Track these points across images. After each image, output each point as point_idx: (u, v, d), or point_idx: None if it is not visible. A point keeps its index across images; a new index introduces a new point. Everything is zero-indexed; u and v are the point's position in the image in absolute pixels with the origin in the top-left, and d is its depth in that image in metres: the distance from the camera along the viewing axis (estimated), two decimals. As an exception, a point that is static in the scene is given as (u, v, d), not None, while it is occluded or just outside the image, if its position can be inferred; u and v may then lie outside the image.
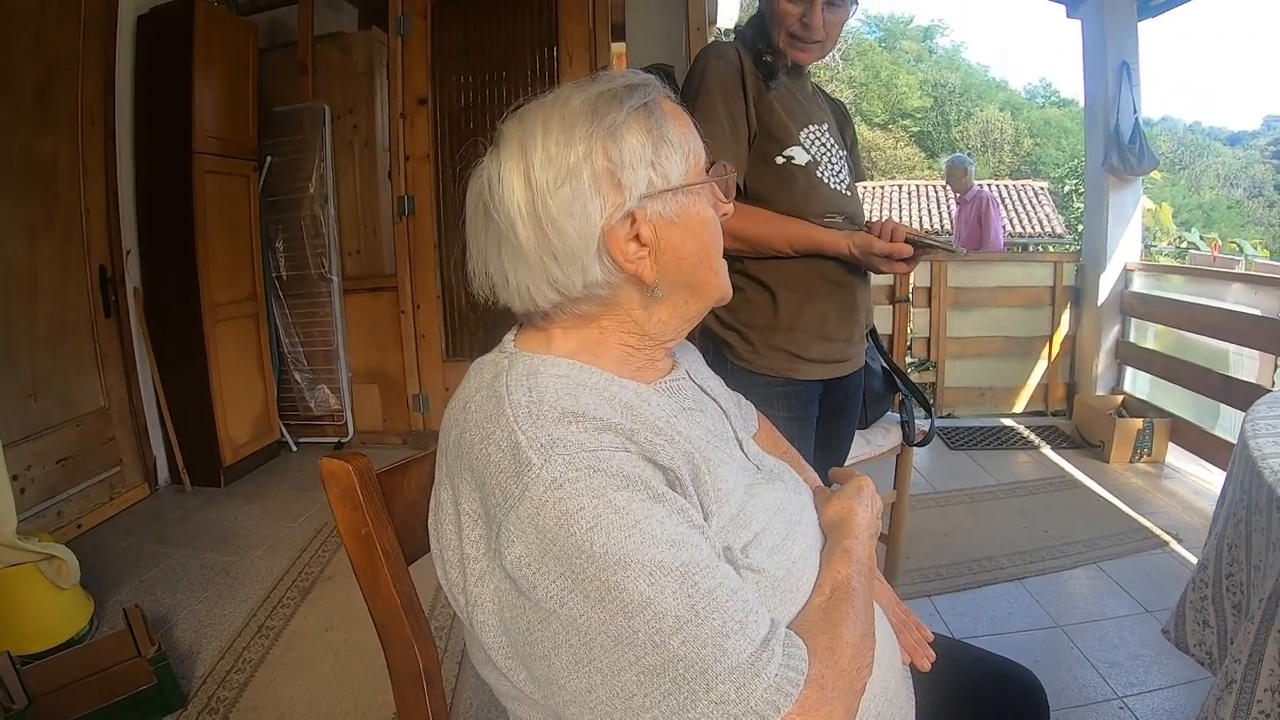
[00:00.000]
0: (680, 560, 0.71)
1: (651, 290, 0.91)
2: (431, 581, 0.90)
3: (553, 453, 0.73)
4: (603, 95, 0.88)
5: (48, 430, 3.31)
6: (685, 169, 0.90)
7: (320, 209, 4.45)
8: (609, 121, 0.86)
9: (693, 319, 0.98)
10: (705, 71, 1.69)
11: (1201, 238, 8.63)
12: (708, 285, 0.96)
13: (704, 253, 0.94)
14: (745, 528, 0.87)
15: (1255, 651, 1.13)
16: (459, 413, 0.86)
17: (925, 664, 1.06)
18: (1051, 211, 19.47)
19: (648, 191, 0.87)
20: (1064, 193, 21.38)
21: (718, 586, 0.72)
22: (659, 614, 0.69)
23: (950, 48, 39.21)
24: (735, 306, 1.74)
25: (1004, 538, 3.25)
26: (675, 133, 0.90)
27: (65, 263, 3.48)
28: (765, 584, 0.85)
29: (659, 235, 0.89)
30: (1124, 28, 4.64)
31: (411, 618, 0.95)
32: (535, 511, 0.72)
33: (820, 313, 1.76)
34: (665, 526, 0.73)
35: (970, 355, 5.16)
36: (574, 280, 0.87)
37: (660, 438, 0.82)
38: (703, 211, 0.93)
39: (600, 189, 0.85)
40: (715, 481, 0.86)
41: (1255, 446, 1.35)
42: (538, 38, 4.33)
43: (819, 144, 1.76)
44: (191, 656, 2.49)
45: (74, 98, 3.50)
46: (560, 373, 0.85)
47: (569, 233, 0.85)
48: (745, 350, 1.75)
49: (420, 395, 4.64)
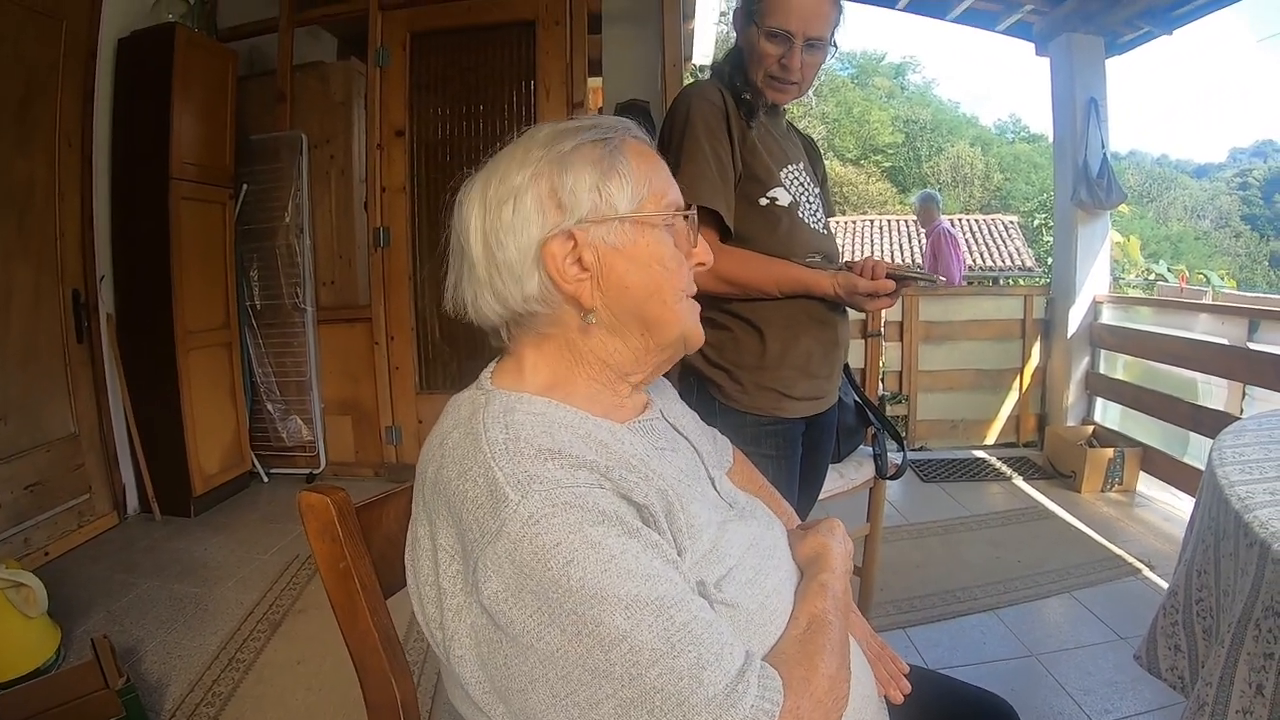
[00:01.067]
0: (656, 594, 0.72)
1: (586, 314, 0.93)
2: (406, 614, 0.91)
3: (530, 489, 0.74)
4: (565, 130, 0.94)
5: (16, 455, 3.27)
6: (637, 201, 0.93)
7: (295, 238, 4.44)
8: (559, 149, 0.91)
9: (654, 355, 0.99)
10: (689, 112, 1.68)
11: (1169, 269, 8.77)
12: (661, 321, 0.96)
13: (653, 287, 0.95)
14: (718, 563, 0.88)
15: (1225, 674, 1.15)
16: (436, 449, 0.87)
17: (899, 696, 1.06)
18: (1022, 245, 19.73)
19: (590, 216, 0.90)
20: (1034, 226, 21.66)
21: (693, 620, 0.73)
22: (636, 647, 0.70)
23: (922, 84, 39.86)
24: (723, 345, 1.74)
25: (977, 568, 3.27)
26: (631, 166, 0.93)
27: (38, 286, 3.45)
28: (739, 618, 0.86)
29: (602, 261, 0.91)
30: (1092, 65, 4.76)
31: (389, 651, 0.95)
32: (513, 546, 0.73)
33: (805, 351, 1.77)
34: (640, 561, 0.74)
35: (942, 388, 5.21)
36: (513, 292, 0.91)
37: (634, 475, 0.83)
38: (656, 248, 0.95)
39: (542, 208, 0.90)
40: (689, 518, 0.87)
41: (1222, 474, 1.37)
42: (515, 72, 4.36)
43: (798, 184, 1.78)
44: (161, 689, 2.45)
45: (52, 120, 3.49)
46: (536, 410, 0.86)
47: (509, 246, 0.90)
48: (734, 390, 1.74)
49: (393, 427, 4.61)
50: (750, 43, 1.70)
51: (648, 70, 4.35)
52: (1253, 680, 1.11)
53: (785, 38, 1.64)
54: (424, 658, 2.57)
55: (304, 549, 3.46)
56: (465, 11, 4.34)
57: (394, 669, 0.95)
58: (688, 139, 1.66)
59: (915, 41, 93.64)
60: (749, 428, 1.71)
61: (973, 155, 32.58)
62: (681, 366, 1.77)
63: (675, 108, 1.74)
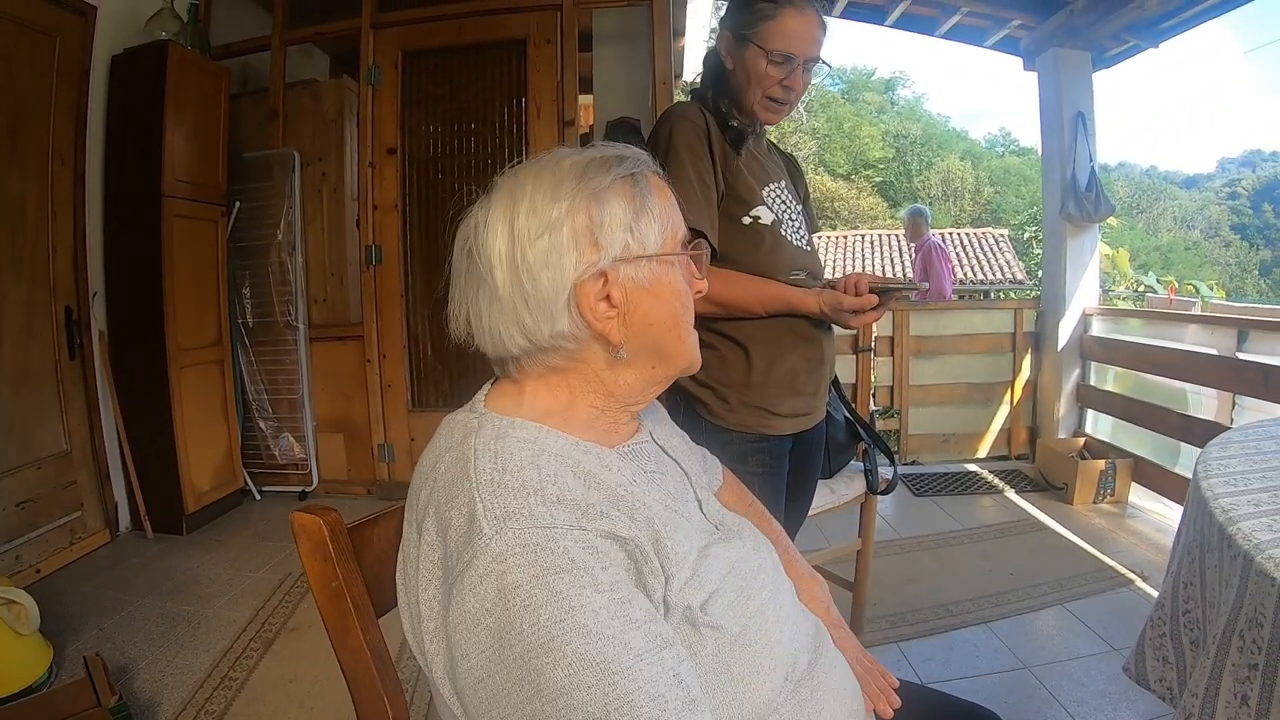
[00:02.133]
0: (604, 657, 0.71)
1: (616, 351, 0.93)
2: (398, 633, 0.91)
3: (504, 525, 0.75)
4: (594, 161, 0.92)
5: (8, 472, 3.27)
6: (662, 240, 0.93)
7: (288, 256, 4.45)
8: (595, 184, 0.90)
9: (659, 385, 1.00)
10: (672, 135, 1.69)
11: (1159, 281, 8.83)
12: (674, 353, 0.98)
13: (672, 321, 0.96)
14: (700, 588, 0.88)
15: (1211, 685, 1.16)
16: (429, 471, 0.88)
17: (888, 711, 1.07)
18: (1012, 258, 19.83)
19: (623, 255, 0.90)
20: (1024, 239, 21.75)
21: (635, 691, 0.71)
22: (570, 706, 0.69)
23: (912, 99, 40.07)
24: (709, 364, 1.72)
25: (970, 582, 3.27)
26: (657, 205, 0.94)
27: (31, 303, 3.45)
28: (723, 640, 0.87)
29: (629, 299, 0.91)
30: (1079, 79, 4.80)
31: (381, 670, 0.95)
32: (478, 580, 0.73)
33: (791, 368, 1.78)
34: (599, 619, 0.72)
35: (933, 402, 5.23)
36: (542, 328, 0.89)
37: (619, 509, 0.84)
38: (675, 283, 0.96)
39: (578, 245, 0.88)
40: (674, 545, 0.87)
41: (1207, 487, 1.39)
42: (507, 90, 4.39)
43: (780, 202, 1.79)
44: (153, 707, 2.44)
45: (44, 136, 3.50)
46: (526, 437, 0.87)
47: (542, 281, 0.88)
48: (720, 408, 1.75)
49: (385, 445, 4.60)
50: (748, 66, 1.70)
51: (638, 88, 4.37)
52: (1237, 691, 1.12)
53: (788, 60, 1.66)
54: (416, 676, 2.57)
55: (296, 567, 3.45)
56: (457, 30, 4.37)
57: (386, 687, 0.95)
58: (671, 161, 1.66)
59: (905, 57, 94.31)
60: (735, 445, 1.72)
61: (963, 169, 32.76)
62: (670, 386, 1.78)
63: (657, 130, 1.76)
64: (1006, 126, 56.71)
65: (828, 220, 28.40)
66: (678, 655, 0.77)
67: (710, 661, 0.86)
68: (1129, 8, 4.25)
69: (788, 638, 0.97)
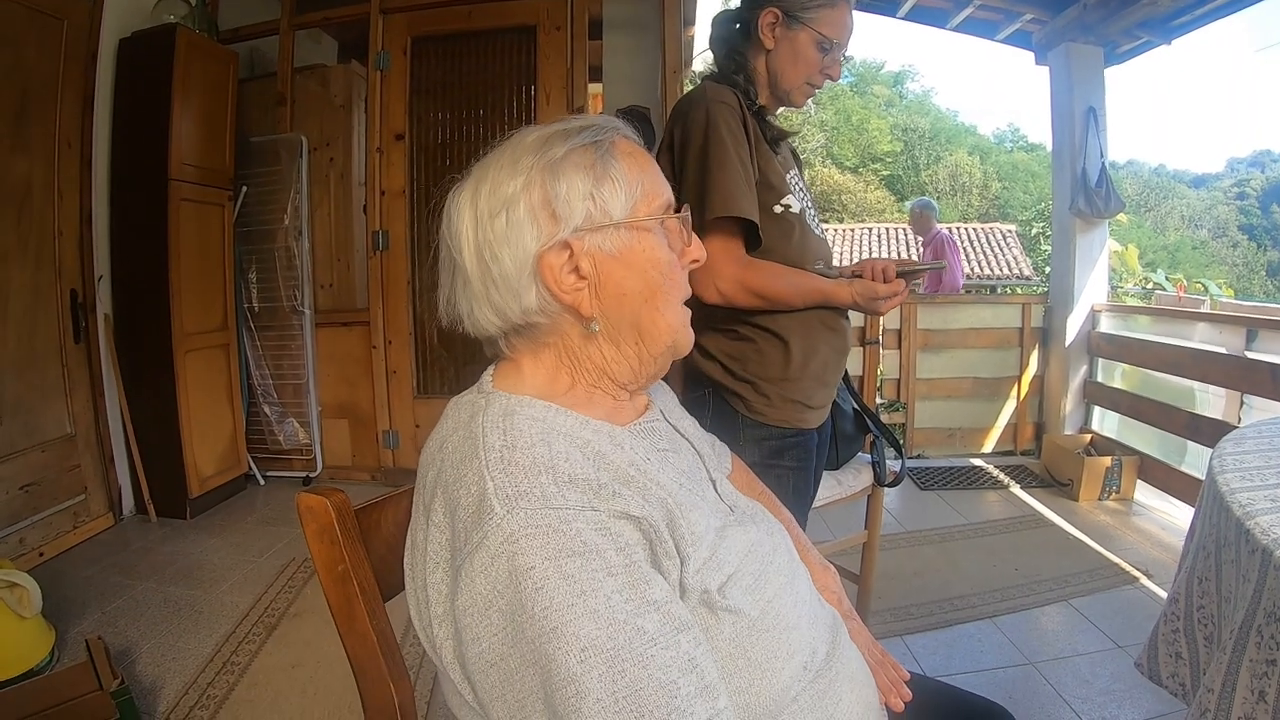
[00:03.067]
0: (614, 643, 0.70)
1: (589, 323, 0.92)
2: (403, 617, 0.90)
3: (516, 504, 0.74)
4: (555, 134, 0.91)
5: (12, 455, 3.27)
6: (630, 206, 0.91)
7: (294, 241, 4.44)
8: (550, 156, 0.89)
9: (648, 363, 0.97)
10: (712, 117, 1.63)
11: (1167, 278, 8.76)
12: (655, 327, 0.95)
13: (650, 292, 0.94)
14: (719, 570, 0.86)
15: (1228, 681, 1.14)
16: (436, 452, 0.87)
17: (899, 704, 1.06)
18: (1019, 254, 19.78)
19: (585, 225, 0.89)
20: (1031, 235, 21.68)
21: (647, 679, 0.70)
22: (580, 693, 0.68)
23: (920, 93, 40.01)
24: (747, 358, 1.71)
25: (975, 576, 3.26)
26: (623, 170, 0.91)
27: (36, 286, 3.45)
28: (741, 624, 0.85)
29: (599, 269, 0.90)
30: (1091, 75, 4.76)
31: (387, 654, 0.94)
32: (489, 562, 0.72)
33: (824, 360, 1.76)
34: (609, 604, 0.71)
35: (939, 396, 5.20)
36: (511, 305, 0.89)
37: (630, 488, 0.82)
38: (652, 251, 0.93)
39: (536, 219, 0.88)
40: (690, 525, 0.85)
41: (1223, 482, 1.37)
42: (516, 77, 4.37)
43: (800, 189, 1.78)
44: (155, 691, 2.44)
45: (51, 119, 3.49)
46: (535, 415, 0.85)
47: (504, 259, 0.88)
48: (760, 403, 1.71)
49: (390, 431, 4.60)
50: (798, 49, 1.70)
51: (648, 76, 4.36)
52: (1255, 687, 1.10)
53: (836, 49, 1.70)
54: (420, 661, 2.56)
55: (300, 552, 3.45)
56: (466, 16, 4.35)
57: (392, 672, 0.94)
58: (714, 145, 1.61)
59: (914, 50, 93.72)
60: (772, 440, 1.72)
61: (971, 164, 32.68)
62: (694, 379, 1.78)
63: (692, 113, 1.67)
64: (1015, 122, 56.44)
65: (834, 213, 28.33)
66: (694, 639, 0.76)
67: (728, 646, 0.85)
68: (1142, 3, 4.22)
69: (805, 624, 0.96)
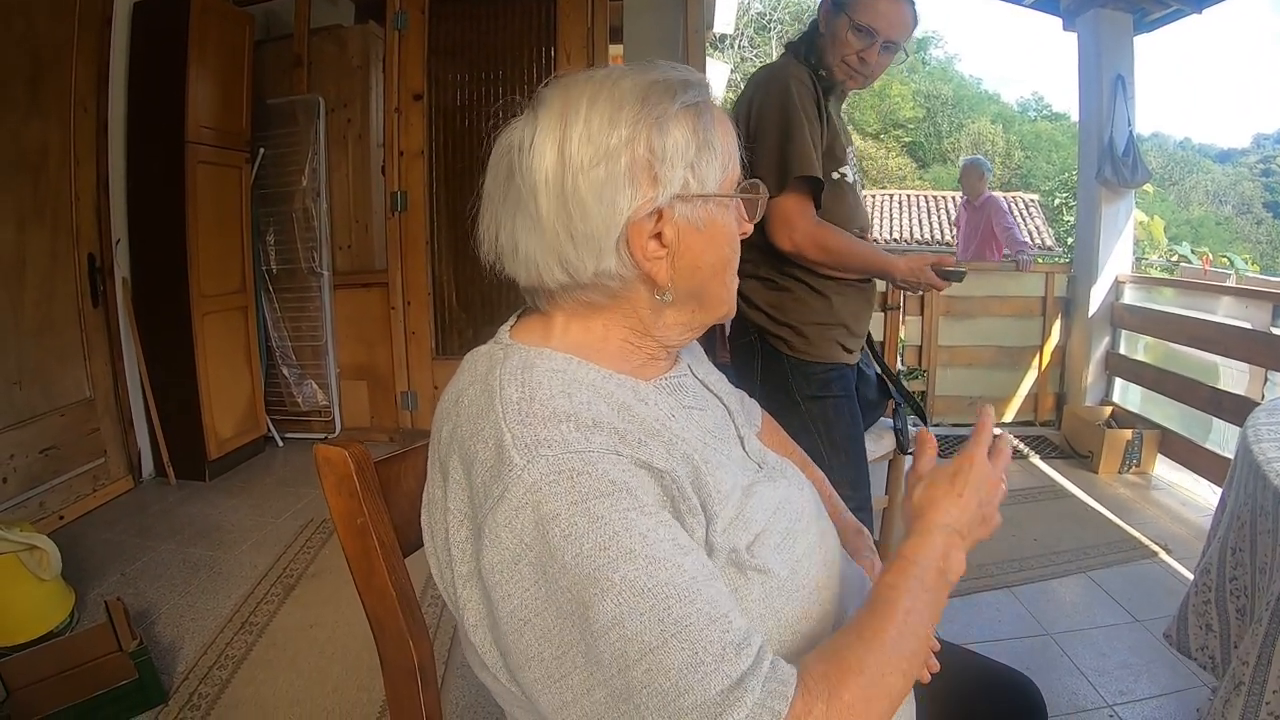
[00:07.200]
0: (655, 581, 0.67)
1: (663, 293, 0.88)
2: (423, 573, 0.88)
3: (537, 453, 0.71)
4: (656, 84, 0.85)
5: (32, 419, 3.28)
6: (721, 178, 0.87)
7: (312, 203, 4.43)
8: (658, 112, 0.83)
9: (697, 330, 0.96)
10: (791, 89, 1.86)
11: (1193, 251, 8.65)
12: (716, 298, 0.93)
13: (720, 265, 0.91)
14: (746, 528, 0.84)
15: (1264, 653, 1.13)
16: (451, 406, 0.84)
17: (926, 675, 1.04)
18: (1042, 224, 19.57)
19: (681, 192, 0.84)
20: (1054, 205, 21.43)
21: (694, 614, 0.67)
22: (625, 637, 0.65)
23: (944, 59, 39.32)
24: (784, 306, 1.98)
25: (993, 546, 3.23)
26: (719, 139, 0.87)
27: (54, 251, 3.45)
28: (771, 584, 0.83)
29: (681, 239, 0.86)
30: (1120, 41, 4.66)
31: (406, 611, 0.92)
32: (513, 514, 0.70)
33: (855, 309, 2.05)
34: (646, 542, 0.69)
35: (961, 364, 5.14)
36: (586, 264, 0.83)
37: (655, 440, 0.79)
38: (728, 225, 0.90)
39: (635, 178, 0.82)
40: (715, 483, 0.83)
41: (1259, 451, 1.35)
42: (535, 37, 4.33)
43: (854, 162, 2.00)
44: (173, 651, 2.46)
45: (67, 84, 3.46)
46: (556, 367, 0.82)
47: (593, 215, 0.81)
48: (800, 343, 1.98)
49: (409, 393, 4.61)
50: (835, 31, 1.90)
51: (669, 38, 4.28)
52: (1290, 659, 1.09)
53: (869, 34, 1.86)
54: (439, 619, 2.57)
55: (319, 513, 3.47)
56: (486, -25, 4.29)
57: (411, 630, 0.92)
58: (792, 113, 1.84)
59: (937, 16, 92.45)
60: (819, 374, 1.99)
61: (994, 132, 32.21)
62: (738, 326, 2.08)
63: (770, 85, 1.92)
64: (1039, 91, 55.65)
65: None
66: (727, 590, 0.74)
67: (758, 607, 0.82)
68: (1175, -32, 4.12)
69: (836, 584, 0.94)
